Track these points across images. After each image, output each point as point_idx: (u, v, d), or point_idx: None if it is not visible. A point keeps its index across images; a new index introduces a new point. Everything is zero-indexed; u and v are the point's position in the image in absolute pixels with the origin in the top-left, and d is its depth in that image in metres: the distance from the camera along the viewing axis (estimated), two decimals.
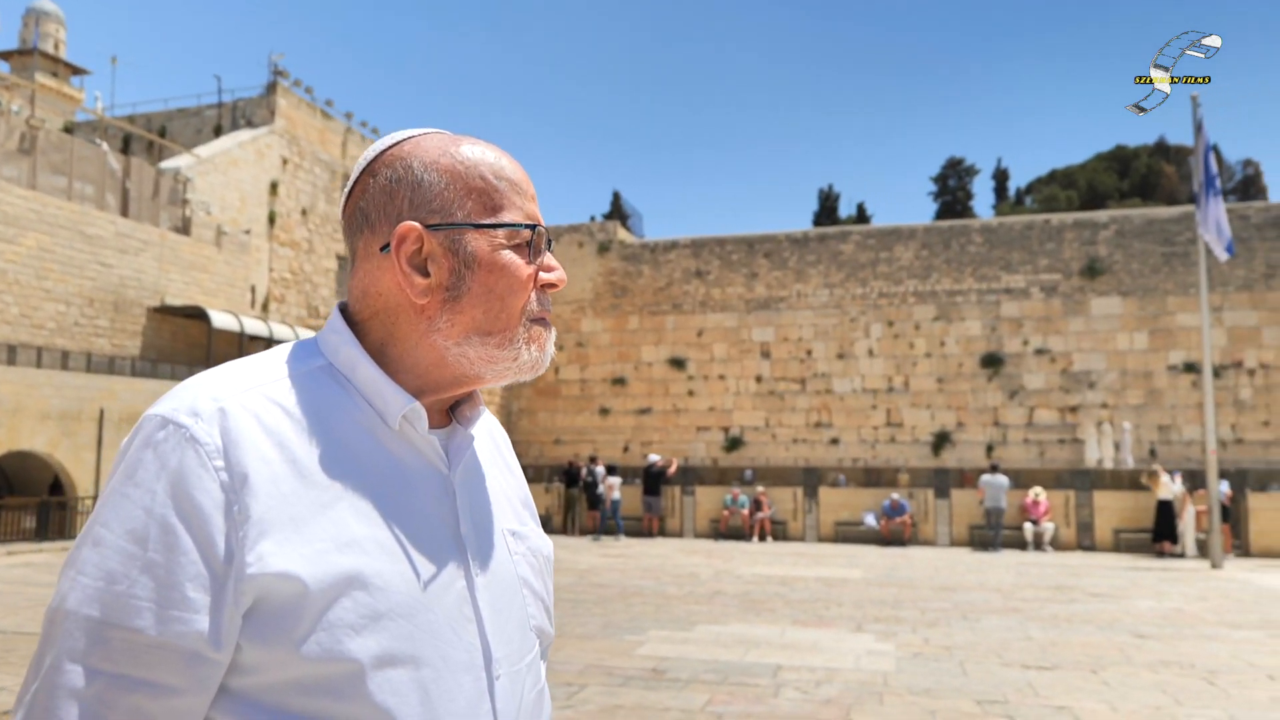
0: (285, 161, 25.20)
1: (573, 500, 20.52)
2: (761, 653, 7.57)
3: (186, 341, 21.38)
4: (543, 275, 0.95)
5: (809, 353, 32.45)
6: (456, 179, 0.94)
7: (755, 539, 19.05)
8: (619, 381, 34.22)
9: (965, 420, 30.59)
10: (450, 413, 1.01)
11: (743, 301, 33.58)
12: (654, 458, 20.53)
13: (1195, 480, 18.17)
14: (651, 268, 34.84)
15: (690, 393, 33.40)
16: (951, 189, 55.09)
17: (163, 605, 0.78)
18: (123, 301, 19.97)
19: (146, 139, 26.56)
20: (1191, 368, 27.90)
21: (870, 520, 18.03)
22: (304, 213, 25.73)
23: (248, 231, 23.24)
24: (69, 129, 26.82)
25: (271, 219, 24.36)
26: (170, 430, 0.83)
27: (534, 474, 28.69)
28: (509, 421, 34.97)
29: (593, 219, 37.70)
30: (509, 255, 0.93)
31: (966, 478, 21.20)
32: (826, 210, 53.18)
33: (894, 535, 18.46)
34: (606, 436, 33.92)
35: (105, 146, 21.79)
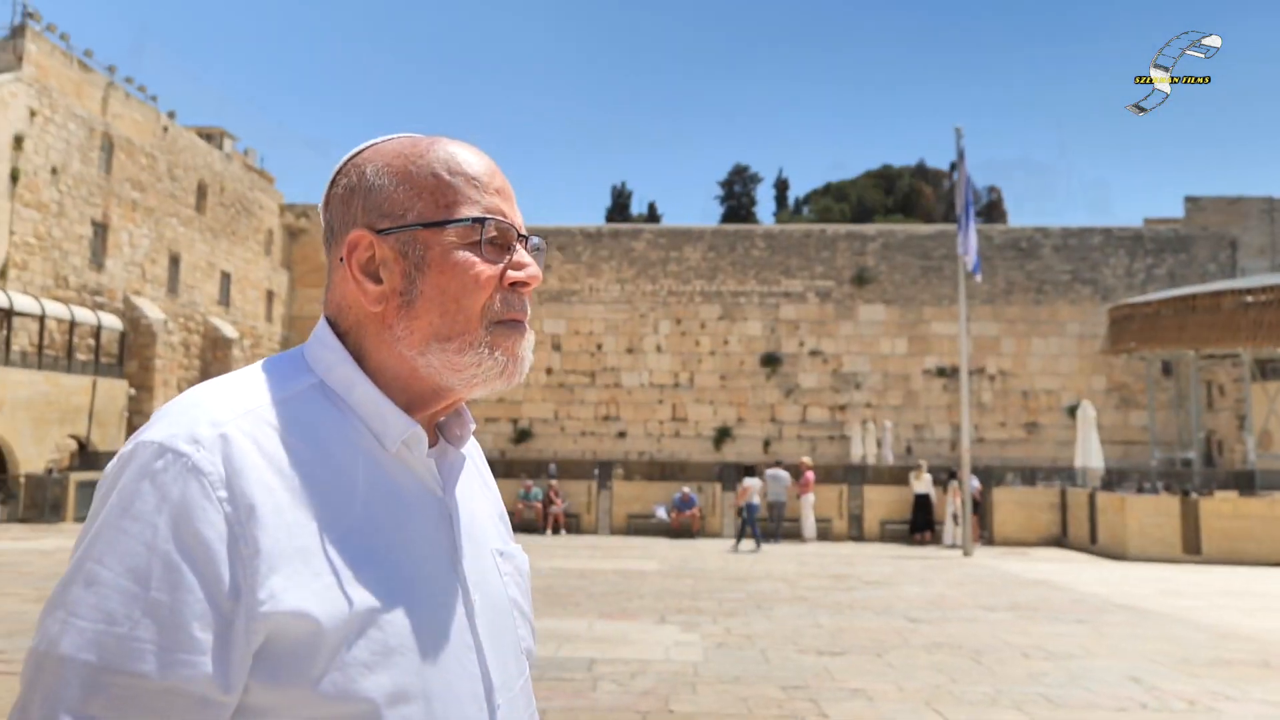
0: (34, 114, 22.53)
1: None
2: (574, 647, 7.63)
3: None
4: (511, 274, 0.91)
5: (599, 346, 32.95)
6: (407, 179, 0.91)
7: (549, 532, 19.14)
8: None
9: (745, 416, 32.12)
10: (439, 430, 0.98)
11: (535, 293, 33.55)
12: None
13: (942, 476, 20.04)
14: None
15: None
16: (737, 194, 57.64)
17: (167, 648, 0.74)
18: None
19: None
20: (943, 372, 30.74)
21: (661, 513, 18.59)
22: (54, 171, 23.12)
23: None
24: None
25: (15, 177, 21.69)
26: (170, 459, 0.78)
27: None
28: None
29: None
30: (462, 254, 0.89)
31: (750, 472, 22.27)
32: (619, 207, 54.14)
33: (683, 527, 19.12)
34: None
35: None
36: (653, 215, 52.37)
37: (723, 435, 31.92)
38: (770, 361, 32.14)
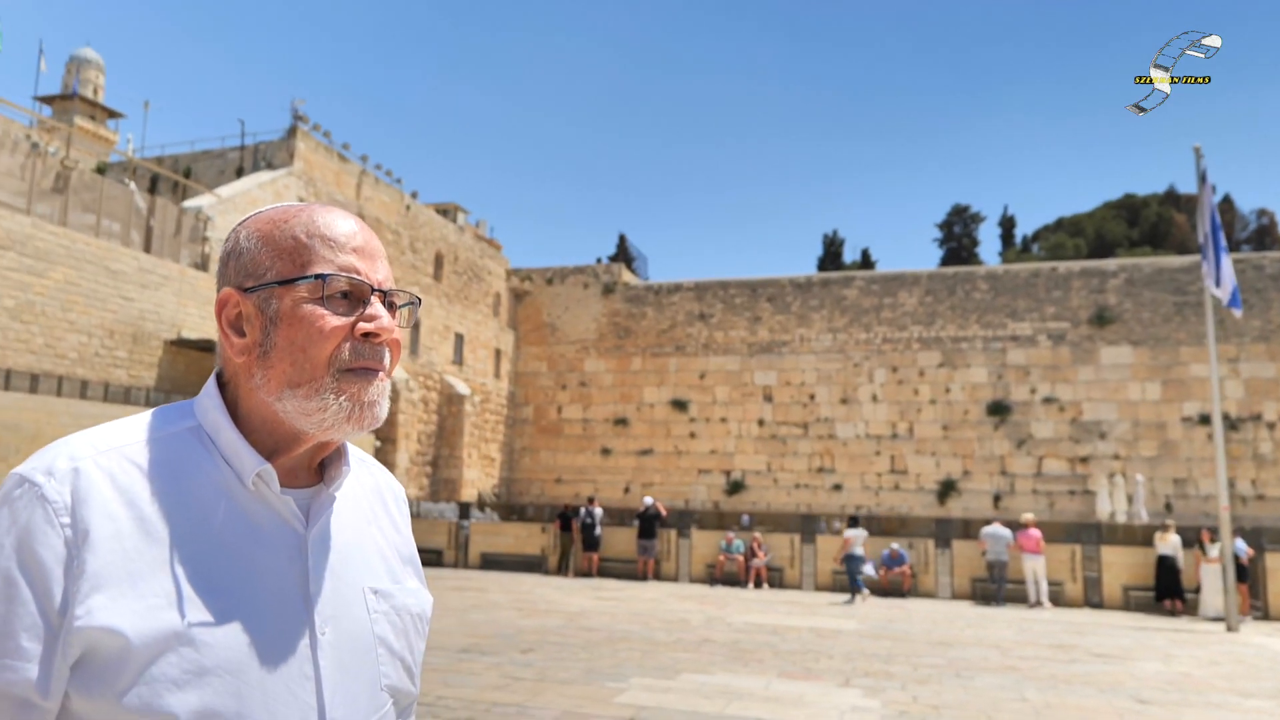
0: (301, 201, 25.77)
1: (566, 544, 20.08)
2: (743, 705, 7.13)
3: (200, 373, 21.82)
4: (361, 325, 0.98)
5: (812, 397, 32.06)
6: (270, 242, 1.01)
7: (751, 585, 18.55)
8: (621, 422, 33.86)
9: (971, 469, 30.06)
10: (321, 470, 1.06)
11: (745, 345, 33.27)
12: (649, 500, 20.12)
13: (1191, 536, 17.49)
14: (655, 309, 34.64)
15: (692, 435, 33.00)
16: (957, 236, 54.89)
17: None
18: (141, 334, 20.57)
19: (172, 179, 27.37)
20: (1207, 419, 27.36)
21: (869, 570, 17.51)
22: None
23: None
24: (101, 169, 27.37)
25: None
26: (25, 488, 0.89)
27: (534, 513, 28.22)
28: (510, 460, 34.60)
29: (599, 261, 37.61)
30: (309, 307, 0.97)
31: (970, 528, 20.65)
32: (831, 255, 53.01)
33: (893, 586, 17.92)
34: (607, 477, 33.49)
35: (133, 186, 22.57)
36: (866, 262, 50.75)
37: (947, 489, 29.99)
38: (998, 410, 29.94)
